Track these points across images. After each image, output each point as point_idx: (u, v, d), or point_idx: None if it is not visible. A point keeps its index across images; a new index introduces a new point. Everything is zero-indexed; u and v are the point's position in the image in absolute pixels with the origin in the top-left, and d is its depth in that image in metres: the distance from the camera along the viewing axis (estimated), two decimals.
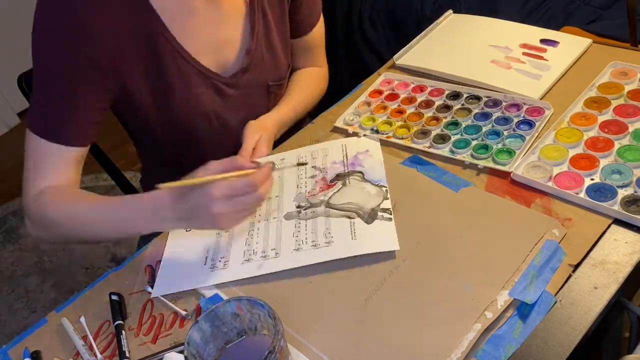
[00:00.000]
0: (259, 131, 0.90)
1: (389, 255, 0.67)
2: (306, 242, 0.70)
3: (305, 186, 0.79)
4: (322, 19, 1.02)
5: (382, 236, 0.68)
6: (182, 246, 0.76)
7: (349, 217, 0.72)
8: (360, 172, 0.78)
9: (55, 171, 0.80)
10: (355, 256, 0.68)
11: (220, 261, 0.72)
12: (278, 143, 0.91)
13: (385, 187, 0.75)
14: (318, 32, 1.02)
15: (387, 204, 0.72)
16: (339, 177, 0.79)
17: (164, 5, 0.79)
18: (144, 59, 0.81)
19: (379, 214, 0.71)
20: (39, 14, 0.75)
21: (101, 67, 0.77)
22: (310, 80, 1.04)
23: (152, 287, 0.72)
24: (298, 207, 0.76)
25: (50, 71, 0.78)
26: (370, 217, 0.70)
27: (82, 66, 0.76)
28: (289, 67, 0.99)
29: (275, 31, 0.93)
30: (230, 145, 0.92)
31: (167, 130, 0.89)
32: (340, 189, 0.77)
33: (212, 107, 0.90)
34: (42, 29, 0.76)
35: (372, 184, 0.76)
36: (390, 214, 0.70)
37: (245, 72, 0.91)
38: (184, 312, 0.67)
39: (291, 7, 0.94)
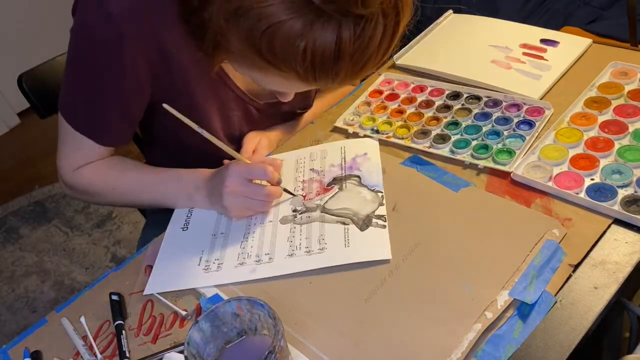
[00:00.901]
0: (258, 135, 0.91)
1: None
2: (300, 247, 0.70)
3: (302, 190, 0.79)
4: None
5: (375, 244, 0.67)
6: (177, 246, 0.76)
7: (344, 223, 0.71)
8: (357, 176, 0.78)
9: (91, 156, 0.85)
10: (373, 221, 0.70)
11: (214, 263, 0.72)
12: None
13: (382, 192, 0.74)
14: None
15: (382, 211, 0.72)
16: (335, 180, 0.79)
17: None
18: (182, 75, 0.80)
19: (374, 220, 0.70)
20: (85, 17, 0.73)
21: (150, 80, 0.78)
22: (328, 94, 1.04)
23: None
24: (294, 210, 0.76)
25: (98, 77, 0.77)
26: (364, 223, 0.70)
27: (132, 81, 0.76)
28: (315, 94, 1.00)
29: None
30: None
31: (191, 144, 0.88)
32: (336, 193, 0.77)
33: (240, 131, 0.91)
34: (91, 36, 0.74)
35: (368, 188, 0.76)
36: (385, 221, 0.70)
37: (282, 104, 0.90)
38: (184, 312, 0.67)
39: None
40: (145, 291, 0.71)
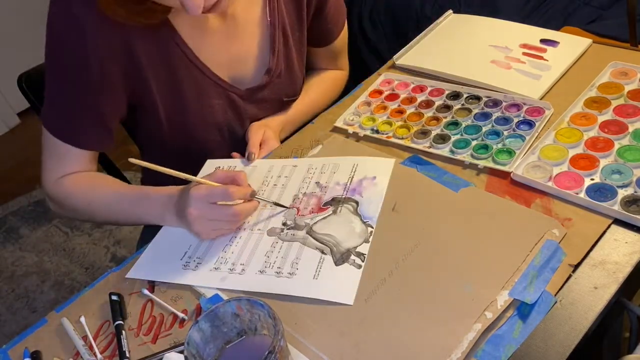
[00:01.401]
0: (261, 127, 0.91)
1: (388, 256, 0.67)
2: (272, 266, 0.69)
3: (300, 203, 0.78)
4: (346, 25, 1.04)
5: (342, 285, 0.65)
6: (171, 236, 0.77)
7: (322, 252, 0.69)
8: (356, 202, 0.75)
9: (72, 165, 0.85)
10: (351, 257, 0.68)
11: (194, 261, 0.72)
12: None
13: (372, 228, 0.71)
14: (342, 38, 1.04)
15: (364, 248, 0.69)
16: (333, 202, 0.76)
17: (181, 20, 0.81)
18: (158, 70, 0.82)
19: (352, 257, 0.68)
20: (52, 18, 0.76)
21: (119, 77, 0.79)
22: (327, 84, 1.05)
23: (152, 288, 0.72)
24: (284, 224, 0.75)
25: (67, 77, 0.79)
26: (341, 258, 0.68)
27: (99, 74, 0.78)
28: (304, 81, 1.00)
29: (294, 51, 0.94)
30: (236, 149, 0.92)
31: (178, 139, 0.90)
32: (328, 216, 0.74)
33: (225, 119, 0.90)
34: (56, 35, 0.76)
35: (361, 219, 0.72)
36: (363, 261, 0.67)
37: (264, 89, 0.91)
38: (181, 315, 0.67)
39: (315, 20, 0.95)
40: (128, 274, 0.73)
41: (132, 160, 0.70)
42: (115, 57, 0.78)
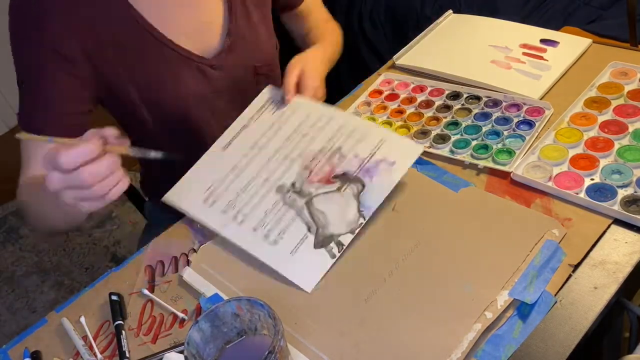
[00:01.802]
0: (299, 63, 0.86)
1: (388, 256, 0.67)
2: (265, 227, 0.72)
3: (316, 165, 0.77)
4: None
5: (309, 269, 0.67)
6: (207, 165, 0.82)
7: (308, 229, 0.70)
8: (363, 185, 0.73)
9: (35, 164, 0.80)
10: (354, 255, 0.68)
11: (212, 198, 0.77)
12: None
13: (364, 220, 0.70)
14: (316, 2, 1.03)
15: (346, 239, 0.69)
16: (342, 177, 0.75)
17: None
18: (121, 48, 0.80)
19: (331, 245, 0.68)
20: (10, 11, 0.76)
21: (72, 57, 0.77)
22: (326, 29, 1.04)
23: (152, 288, 0.72)
24: (292, 184, 0.75)
25: (23, 64, 0.79)
26: (320, 242, 0.69)
27: (50, 58, 0.76)
28: (277, 49, 0.98)
29: (255, 11, 0.92)
30: (221, 127, 0.89)
31: (158, 120, 0.88)
32: (331, 192, 0.74)
33: (199, 92, 0.88)
34: (12, 20, 0.77)
35: (358, 207, 0.72)
36: (339, 251, 0.68)
37: (229, 54, 0.89)
38: (181, 315, 0.67)
39: None
40: (163, 198, 0.78)
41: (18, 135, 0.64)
42: (73, 36, 0.76)
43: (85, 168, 0.57)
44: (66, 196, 0.59)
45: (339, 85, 1.07)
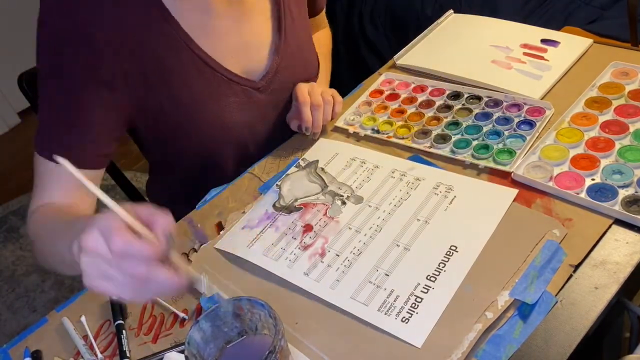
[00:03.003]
0: (305, 84, 0.87)
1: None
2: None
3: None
4: None
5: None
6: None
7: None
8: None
9: (55, 191, 0.72)
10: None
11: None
12: (279, 143, 0.90)
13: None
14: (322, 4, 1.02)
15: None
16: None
17: (182, 10, 0.74)
18: (166, 72, 0.75)
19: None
20: (41, 25, 0.68)
21: (111, 83, 0.71)
22: (324, 46, 1.03)
23: None
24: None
25: (52, 88, 0.71)
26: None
27: (87, 83, 0.70)
28: (319, 64, 0.96)
29: (300, 25, 0.89)
30: (257, 152, 0.88)
31: (194, 145, 0.83)
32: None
33: (243, 118, 0.83)
34: (44, 41, 0.69)
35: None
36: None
37: (277, 74, 0.85)
38: (182, 314, 0.67)
39: None
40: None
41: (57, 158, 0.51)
42: (115, 55, 0.70)
43: (150, 269, 0.47)
44: (89, 264, 0.48)
45: (339, 85, 1.07)
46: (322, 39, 1.05)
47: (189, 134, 0.82)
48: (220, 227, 0.78)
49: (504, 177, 0.73)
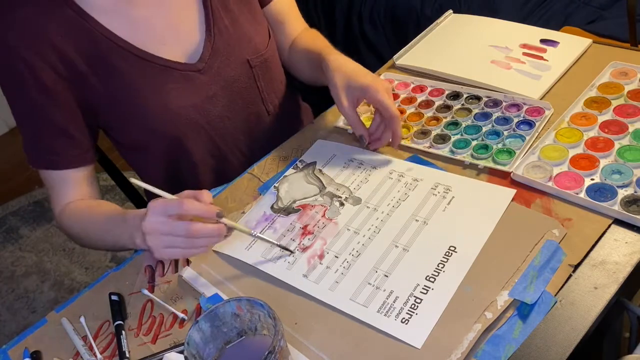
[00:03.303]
0: (384, 88, 0.77)
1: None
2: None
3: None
4: None
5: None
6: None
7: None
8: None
9: (67, 193, 0.82)
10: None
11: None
12: (278, 143, 0.90)
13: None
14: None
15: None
16: None
17: (97, 5, 0.76)
18: (97, 70, 0.77)
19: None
20: None
21: (47, 86, 0.75)
22: (314, 35, 0.95)
23: (152, 288, 0.72)
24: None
25: (14, 100, 0.78)
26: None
27: (36, 87, 0.75)
28: (270, 37, 0.91)
29: (235, 2, 0.86)
30: (225, 135, 0.87)
31: (149, 136, 0.84)
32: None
33: (189, 102, 0.82)
34: None
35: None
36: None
37: (215, 55, 0.83)
38: (181, 315, 0.67)
39: None
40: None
41: (133, 181, 0.68)
42: (43, 63, 0.74)
43: (195, 223, 0.63)
44: (155, 240, 0.64)
45: None
46: (313, 37, 0.96)
47: (139, 125, 0.83)
48: None
49: (504, 177, 0.73)
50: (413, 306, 0.60)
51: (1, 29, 0.73)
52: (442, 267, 0.63)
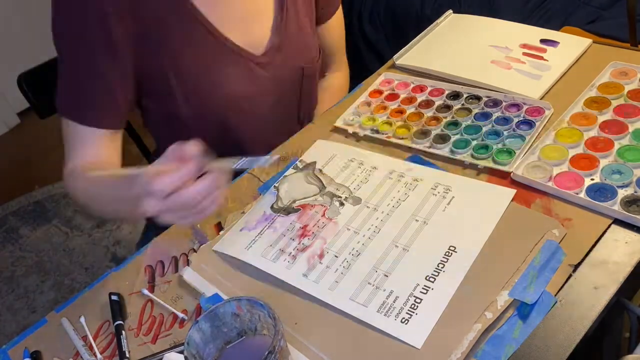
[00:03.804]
0: None
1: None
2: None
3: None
4: (340, 12, 0.99)
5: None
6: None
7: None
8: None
9: (85, 151, 0.79)
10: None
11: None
12: (277, 144, 0.90)
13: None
14: (337, 24, 0.99)
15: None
16: None
17: None
18: (167, 34, 0.77)
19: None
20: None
21: (116, 45, 0.74)
22: (333, 97, 1.01)
23: (152, 288, 0.72)
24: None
25: (67, 51, 0.76)
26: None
27: (102, 36, 0.73)
28: (320, 52, 0.96)
29: (303, 13, 0.89)
30: (258, 131, 0.87)
31: (193, 114, 0.84)
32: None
33: (245, 90, 0.84)
34: (56, 5, 0.75)
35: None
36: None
37: (278, 51, 0.86)
38: (181, 315, 0.67)
39: None
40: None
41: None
42: (117, 17, 0.73)
43: (185, 192, 0.58)
44: (166, 218, 0.60)
45: None
46: (338, 84, 1.03)
47: (189, 104, 0.83)
48: (219, 227, 0.78)
49: (504, 177, 0.73)
50: (413, 306, 0.60)
51: None
52: (442, 267, 0.63)
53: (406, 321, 0.59)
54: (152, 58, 0.78)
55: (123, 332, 0.67)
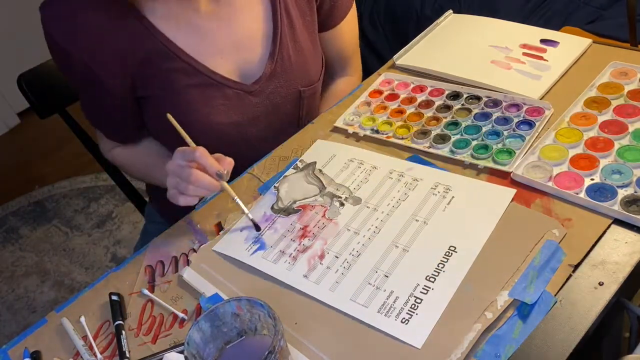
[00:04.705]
0: None
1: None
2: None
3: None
4: (353, 16, 0.97)
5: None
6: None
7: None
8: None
9: (115, 144, 0.93)
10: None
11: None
12: (277, 144, 0.90)
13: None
14: (348, 29, 0.97)
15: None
16: None
17: (162, 13, 0.77)
18: (153, 78, 0.80)
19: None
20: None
21: (103, 82, 0.80)
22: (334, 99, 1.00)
23: (152, 288, 0.72)
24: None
25: (74, 85, 0.86)
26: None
27: (86, 83, 0.82)
28: (322, 67, 0.94)
29: (302, 31, 0.87)
30: (252, 151, 0.87)
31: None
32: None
33: (231, 119, 0.85)
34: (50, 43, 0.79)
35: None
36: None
37: (271, 79, 0.85)
38: (181, 315, 0.67)
39: None
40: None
41: (169, 115, 0.75)
42: (104, 69, 0.78)
43: (197, 171, 0.70)
44: (170, 180, 0.73)
45: None
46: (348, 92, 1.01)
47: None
48: (219, 227, 0.78)
49: (504, 177, 0.73)
50: (413, 306, 0.60)
51: (65, 35, 0.75)
52: (442, 267, 0.63)
53: (406, 321, 0.59)
54: (140, 92, 0.83)
55: (123, 332, 0.67)
